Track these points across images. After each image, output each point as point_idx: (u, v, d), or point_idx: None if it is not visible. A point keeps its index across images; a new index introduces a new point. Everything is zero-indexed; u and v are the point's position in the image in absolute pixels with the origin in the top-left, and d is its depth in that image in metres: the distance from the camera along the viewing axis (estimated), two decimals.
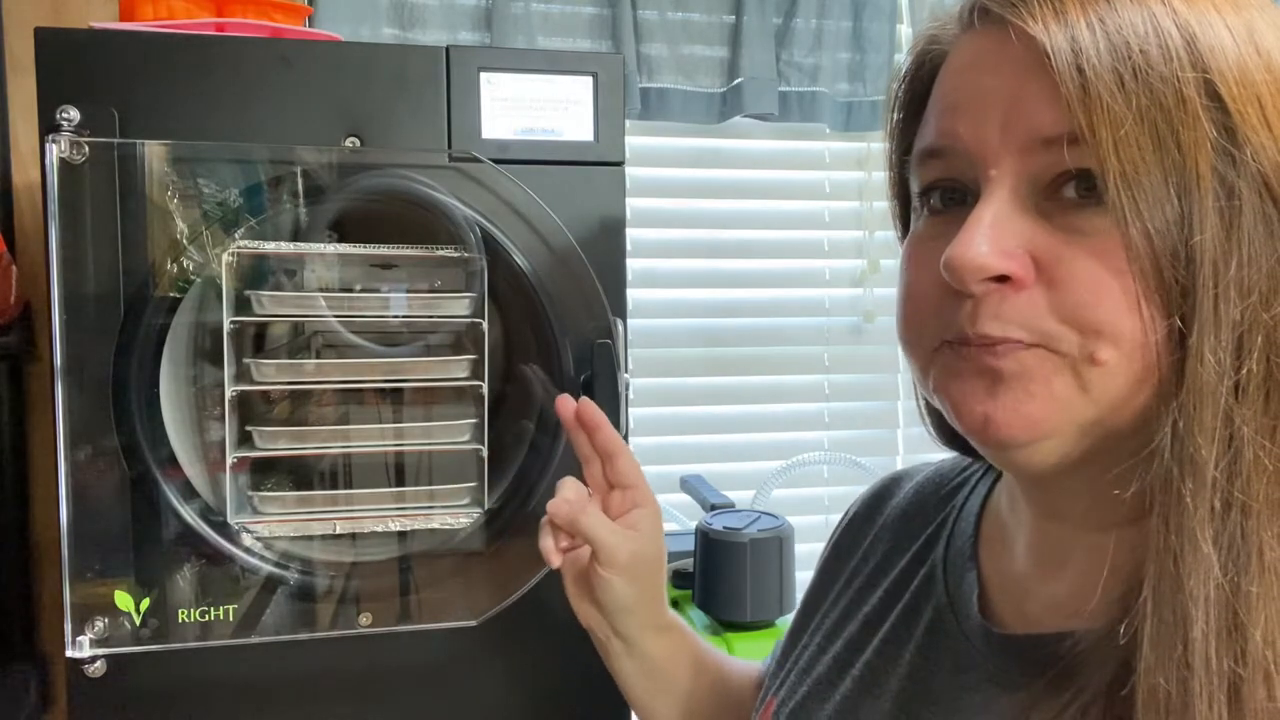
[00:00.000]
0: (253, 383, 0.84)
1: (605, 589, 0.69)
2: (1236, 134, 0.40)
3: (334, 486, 0.90)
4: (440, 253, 0.86)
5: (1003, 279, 0.43)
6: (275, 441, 0.85)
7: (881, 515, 0.67)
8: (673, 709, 0.75)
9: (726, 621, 1.11)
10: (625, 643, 0.73)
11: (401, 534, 0.88)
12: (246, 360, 0.84)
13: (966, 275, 0.43)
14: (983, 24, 0.46)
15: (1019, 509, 0.54)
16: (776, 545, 1.11)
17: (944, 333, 0.46)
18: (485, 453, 0.87)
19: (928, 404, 0.57)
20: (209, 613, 0.84)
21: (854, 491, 0.74)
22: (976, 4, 0.46)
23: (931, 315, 0.47)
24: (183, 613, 0.83)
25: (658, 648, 0.73)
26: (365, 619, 0.87)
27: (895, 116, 0.54)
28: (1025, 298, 0.43)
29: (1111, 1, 0.42)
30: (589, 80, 0.89)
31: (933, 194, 0.48)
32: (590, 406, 0.70)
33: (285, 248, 0.85)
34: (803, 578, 1.12)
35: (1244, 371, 0.40)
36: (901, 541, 0.63)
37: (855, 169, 1.72)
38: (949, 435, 0.59)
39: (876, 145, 1.71)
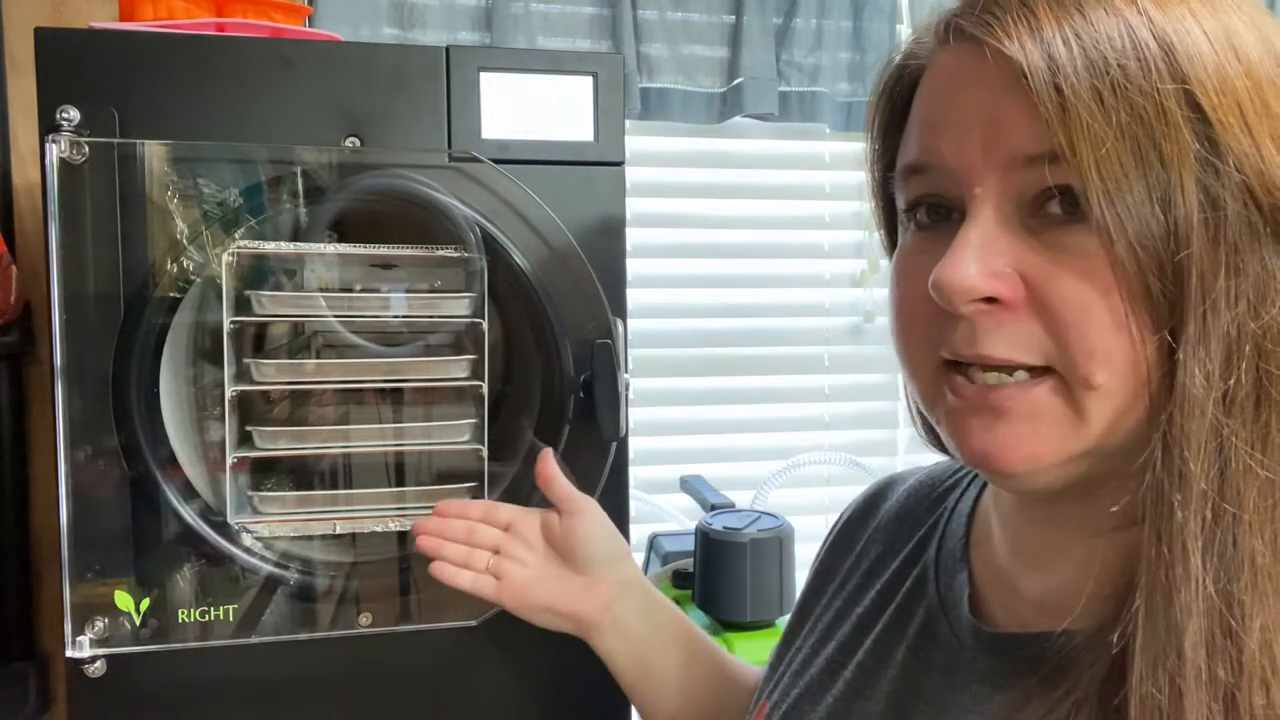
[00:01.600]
0: (253, 383, 0.84)
1: (586, 530, 0.77)
2: (1218, 144, 0.40)
3: (334, 486, 0.90)
4: (440, 253, 0.86)
5: (992, 300, 0.43)
6: (275, 441, 0.85)
7: (875, 518, 0.67)
8: (670, 689, 0.76)
9: (726, 621, 1.11)
10: (627, 593, 0.76)
11: (401, 534, 0.88)
12: (246, 360, 0.84)
13: (955, 297, 0.43)
14: (958, 41, 0.45)
15: (1002, 508, 0.54)
16: (776, 545, 1.11)
17: (942, 350, 0.46)
18: (485, 453, 0.87)
19: (918, 407, 0.57)
20: (209, 613, 0.84)
21: (854, 492, 0.74)
22: (951, 22, 0.46)
23: (926, 333, 0.47)
24: (183, 613, 0.83)
25: (654, 598, 0.78)
26: (365, 619, 0.87)
27: (876, 128, 0.54)
28: (1021, 320, 0.43)
29: (1086, 14, 0.41)
30: (589, 80, 0.89)
31: (918, 209, 0.48)
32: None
33: (285, 248, 0.85)
34: (803, 578, 1.13)
35: (1232, 381, 0.40)
36: (894, 544, 0.63)
37: (855, 169, 1.71)
38: (940, 441, 0.59)
39: None
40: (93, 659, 0.82)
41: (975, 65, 0.44)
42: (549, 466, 0.79)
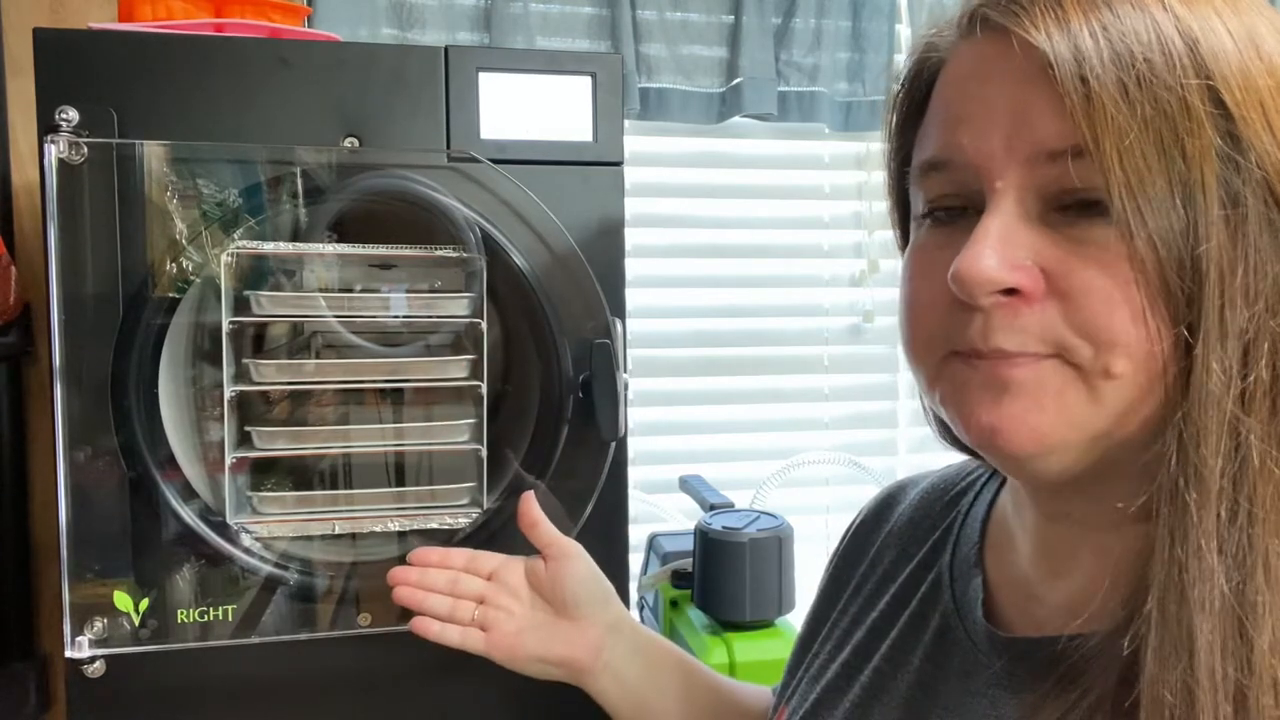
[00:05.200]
0: (252, 383, 0.84)
1: (573, 575, 0.76)
2: (1240, 140, 0.40)
3: (334, 486, 0.90)
4: (439, 253, 0.86)
5: (1011, 291, 0.42)
6: (274, 442, 0.85)
7: (888, 523, 0.67)
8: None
9: (725, 621, 1.11)
10: (617, 635, 0.75)
11: (401, 534, 0.88)
12: (246, 360, 0.84)
13: (975, 288, 0.42)
14: (984, 32, 0.45)
15: (1024, 513, 0.54)
16: (776, 545, 1.11)
17: (952, 344, 0.45)
18: (484, 453, 0.87)
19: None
20: (208, 613, 0.84)
21: (854, 492, 0.74)
22: (977, 12, 0.46)
23: (938, 327, 0.46)
24: (182, 613, 0.83)
25: (644, 635, 0.77)
26: (365, 619, 0.87)
27: (893, 124, 0.53)
28: (1038, 312, 0.42)
29: (1113, 8, 0.41)
30: (588, 80, 0.89)
31: (936, 205, 0.48)
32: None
33: (284, 248, 0.85)
34: (802, 578, 1.12)
35: (1251, 379, 0.40)
36: (908, 548, 0.63)
37: (854, 169, 1.72)
38: (955, 438, 0.59)
39: (876, 146, 1.69)
40: (92, 659, 0.82)
41: (1000, 57, 0.44)
42: (532, 510, 0.78)
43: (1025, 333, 0.42)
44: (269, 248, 0.84)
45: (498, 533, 0.88)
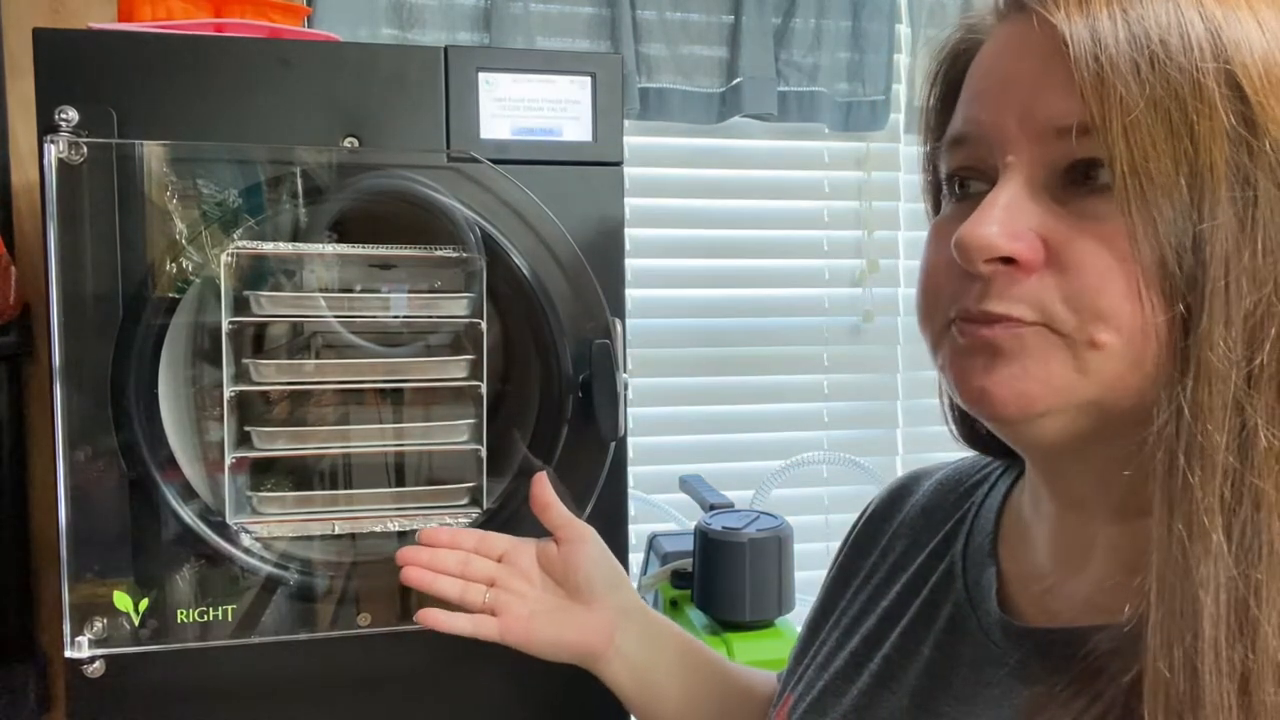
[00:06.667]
0: (252, 383, 0.84)
1: (586, 558, 0.76)
2: (1256, 124, 0.40)
3: (333, 487, 0.90)
4: (439, 253, 0.86)
5: (1010, 261, 0.43)
6: (274, 442, 0.85)
7: (901, 512, 0.67)
8: (676, 708, 0.76)
9: (725, 621, 1.11)
10: (628, 619, 0.75)
11: (401, 534, 0.88)
12: (245, 360, 0.84)
13: (974, 254, 0.43)
14: (1014, 13, 0.47)
15: (1042, 504, 0.54)
16: (775, 545, 1.11)
17: (953, 309, 0.47)
18: (484, 453, 0.87)
19: (950, 402, 0.58)
20: (208, 613, 0.84)
21: (853, 491, 0.74)
22: None
23: (945, 293, 0.48)
24: (182, 613, 0.83)
25: (654, 619, 0.78)
26: (365, 619, 0.87)
27: (931, 104, 0.55)
28: (1035, 282, 0.43)
29: None
30: (587, 80, 0.89)
31: (957, 179, 0.50)
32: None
33: (284, 248, 0.85)
34: (802, 577, 1.13)
35: (1257, 362, 0.40)
36: (920, 537, 0.63)
37: (854, 169, 1.72)
38: (970, 434, 0.60)
39: (876, 145, 1.71)
40: (91, 659, 0.82)
41: (1024, 37, 0.45)
42: (545, 493, 0.77)
43: (1020, 300, 0.43)
44: (269, 248, 0.84)
45: (502, 528, 0.88)
